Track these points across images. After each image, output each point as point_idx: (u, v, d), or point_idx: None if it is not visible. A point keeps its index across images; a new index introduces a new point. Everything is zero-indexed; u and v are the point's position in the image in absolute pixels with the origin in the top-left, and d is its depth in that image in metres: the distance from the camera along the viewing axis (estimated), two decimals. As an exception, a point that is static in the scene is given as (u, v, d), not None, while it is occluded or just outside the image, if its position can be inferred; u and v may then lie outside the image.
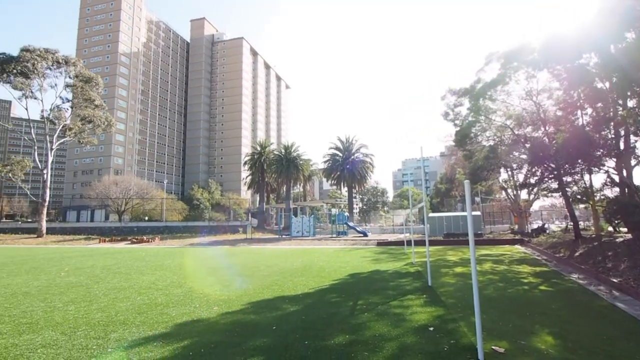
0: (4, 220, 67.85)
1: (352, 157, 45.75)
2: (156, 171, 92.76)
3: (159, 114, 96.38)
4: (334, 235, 30.43)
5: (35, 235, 33.72)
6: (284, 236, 31.63)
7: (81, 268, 11.44)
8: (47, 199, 35.84)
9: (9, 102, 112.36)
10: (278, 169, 45.24)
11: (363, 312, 5.40)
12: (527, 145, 17.67)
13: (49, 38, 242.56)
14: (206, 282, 8.30)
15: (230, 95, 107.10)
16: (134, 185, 54.35)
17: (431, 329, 4.43)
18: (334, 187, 58.35)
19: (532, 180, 18.11)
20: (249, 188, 59.93)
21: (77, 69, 36.30)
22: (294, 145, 48.46)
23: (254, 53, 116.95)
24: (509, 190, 27.56)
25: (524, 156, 19.38)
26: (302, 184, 56.62)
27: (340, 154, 46.52)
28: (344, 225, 31.22)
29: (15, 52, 32.96)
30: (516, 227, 27.35)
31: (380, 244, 21.09)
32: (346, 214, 33.96)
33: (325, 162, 48.17)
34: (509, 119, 18.56)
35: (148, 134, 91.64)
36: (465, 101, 19.39)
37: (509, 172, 25.39)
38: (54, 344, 4.00)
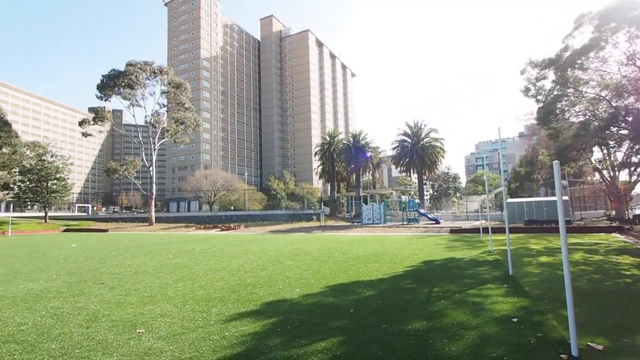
0: (123, 211, 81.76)
1: (422, 142, 43.56)
2: (238, 164, 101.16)
3: (237, 112, 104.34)
4: (405, 223, 29.64)
5: (147, 224, 39.89)
6: (355, 223, 31.90)
7: (184, 251, 13.25)
8: (154, 192, 41.97)
9: (121, 111, 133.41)
10: (347, 158, 45.40)
11: (439, 299, 5.25)
12: (629, 119, 14.78)
13: (144, 48, 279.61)
14: (287, 266, 8.90)
15: (299, 88, 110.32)
16: (220, 178, 60.26)
17: (515, 320, 4.11)
18: (403, 173, 56.48)
19: (635, 159, 15.11)
20: (320, 177, 61.49)
21: (169, 77, 41.24)
22: (361, 134, 47.99)
23: (319, 44, 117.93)
24: (605, 172, 23.38)
25: (624, 131, 16.23)
26: (371, 172, 56.04)
27: (409, 140, 44.62)
28: (415, 212, 30.18)
29: (117, 66, 38.86)
30: (613, 213, 23.21)
31: (453, 231, 19.91)
32: (417, 200, 32.71)
33: (393, 148, 46.79)
34: (604, 90, 15.67)
35: (229, 131, 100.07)
36: (550, 73, 16.93)
37: (605, 151, 21.53)
38: (169, 314, 4.77)
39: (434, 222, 28.62)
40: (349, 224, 32.49)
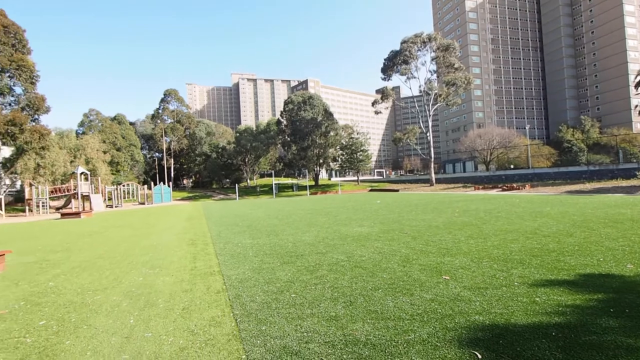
0: (407, 174, 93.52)
1: None
2: (515, 118, 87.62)
3: (511, 58, 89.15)
4: None
5: (428, 184, 43.54)
6: None
7: (467, 210, 13.44)
8: (433, 155, 44.84)
9: (398, 87, 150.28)
10: None
11: None
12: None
13: (410, 22, 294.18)
14: (604, 234, 6.88)
15: (600, 1, 77.56)
16: (496, 136, 54.83)
17: None
18: None
19: None
20: (660, 116, 41.54)
21: (437, 42, 41.41)
22: None
23: None
24: None
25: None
26: None
27: None
28: None
29: (387, 46, 43.04)
30: None
31: None
32: None
33: None
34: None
35: (502, 82, 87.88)
36: None
37: None
38: (467, 267, 5.09)
39: None
40: None
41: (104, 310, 4.02)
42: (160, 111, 61.98)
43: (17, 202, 35.35)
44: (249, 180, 65.20)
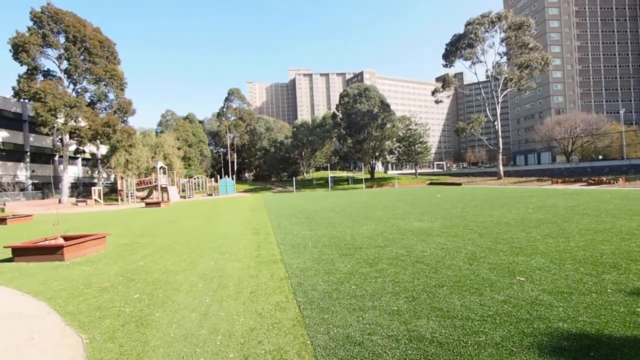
0: (471, 166, 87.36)
1: None
2: (606, 101, 76.31)
3: (601, 32, 77.39)
4: None
5: (495, 178, 40.20)
6: None
7: (543, 207, 12.13)
8: (501, 146, 41.23)
9: (461, 73, 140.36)
10: None
11: None
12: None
13: (474, 4, 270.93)
14: None
15: None
16: (580, 122, 48.36)
17: None
18: None
19: None
20: None
21: (508, 20, 37.61)
22: None
23: None
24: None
25: None
26: None
27: None
28: None
29: (448, 31, 40.07)
30: None
31: None
32: None
33: None
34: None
35: (590, 60, 76.89)
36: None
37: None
38: (546, 269, 4.60)
39: None
40: None
41: (184, 289, 4.48)
42: (224, 109, 66.27)
43: (112, 192, 40.84)
44: (305, 174, 66.77)
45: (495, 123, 40.83)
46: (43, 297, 4.43)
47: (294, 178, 53.72)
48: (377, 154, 52.45)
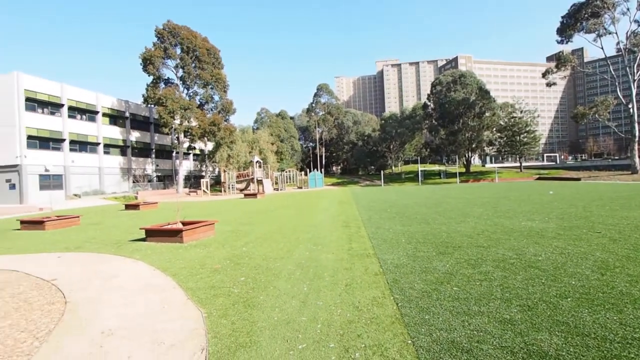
0: (592, 158, 73.04)
1: None
2: None
3: None
4: None
5: (628, 172, 32.80)
6: None
7: None
8: (637, 133, 33.38)
9: (581, 49, 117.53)
10: None
11: None
12: None
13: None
14: None
15: None
16: None
17: None
18: None
19: None
20: None
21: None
22: None
23: None
24: None
25: None
26: None
27: None
28: None
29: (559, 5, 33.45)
30: None
31: None
32: None
33: None
34: None
35: None
36: None
37: None
38: None
39: None
40: None
41: (283, 276, 4.80)
42: (313, 105, 68.82)
43: (216, 184, 46.55)
44: (393, 167, 65.07)
45: (630, 106, 33.11)
46: (169, 273, 5.24)
47: (381, 172, 52.85)
48: (473, 145, 47.82)
